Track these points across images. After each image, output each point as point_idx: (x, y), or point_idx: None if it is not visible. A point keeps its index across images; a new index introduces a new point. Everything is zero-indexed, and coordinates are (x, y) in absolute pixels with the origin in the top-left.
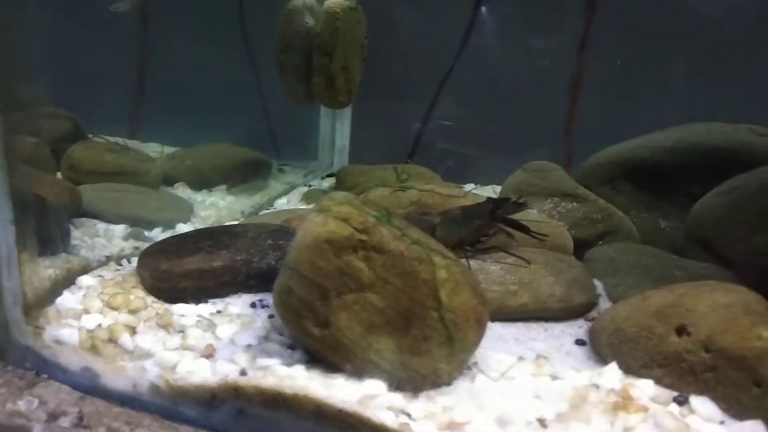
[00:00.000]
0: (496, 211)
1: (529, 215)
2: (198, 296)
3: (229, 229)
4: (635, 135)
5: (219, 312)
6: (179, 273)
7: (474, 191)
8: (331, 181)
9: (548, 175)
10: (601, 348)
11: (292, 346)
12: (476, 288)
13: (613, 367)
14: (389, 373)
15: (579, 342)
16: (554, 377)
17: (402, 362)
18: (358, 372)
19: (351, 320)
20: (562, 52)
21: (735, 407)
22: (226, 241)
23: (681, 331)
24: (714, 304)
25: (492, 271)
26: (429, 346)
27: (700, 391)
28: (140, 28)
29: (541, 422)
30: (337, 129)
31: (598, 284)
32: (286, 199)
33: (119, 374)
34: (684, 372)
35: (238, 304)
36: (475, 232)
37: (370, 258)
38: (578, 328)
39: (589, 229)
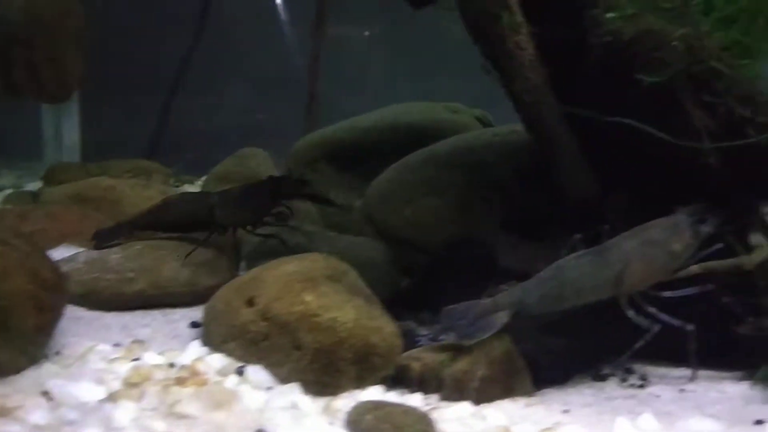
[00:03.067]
0: (279, 190)
1: None
2: None
3: None
4: None
5: None
6: None
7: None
8: None
9: (248, 161)
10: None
11: None
12: (40, 274)
13: (195, 345)
14: None
15: (194, 324)
16: (136, 360)
17: None
18: None
19: None
20: (305, 35)
21: (282, 372)
22: None
23: (250, 302)
24: (281, 274)
25: (110, 260)
26: None
27: (259, 360)
28: None
29: (46, 395)
30: (63, 126)
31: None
32: None
33: None
34: (249, 343)
35: None
36: (255, 212)
37: None
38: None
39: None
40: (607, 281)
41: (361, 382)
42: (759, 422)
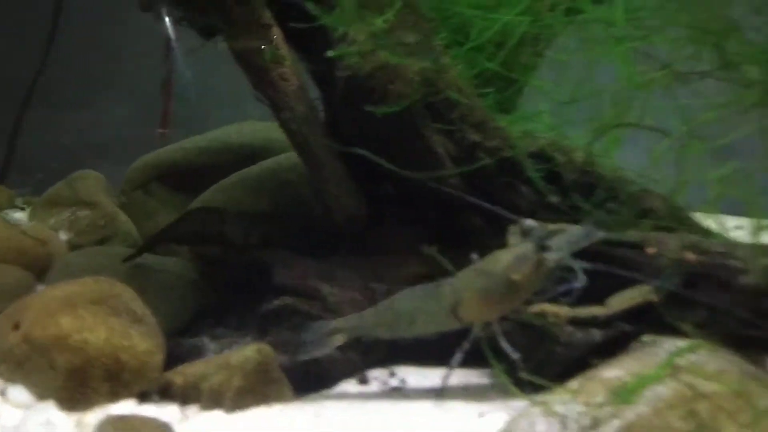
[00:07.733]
0: None
1: (22, 227)
2: None
3: None
4: None
5: None
6: None
7: None
8: None
9: (77, 183)
10: None
11: None
12: None
13: None
14: None
15: None
16: None
17: None
18: None
19: None
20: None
21: (42, 391)
22: None
23: (17, 326)
24: (45, 299)
25: None
26: None
27: (23, 381)
28: None
29: None
30: None
31: None
32: None
33: None
34: (15, 365)
35: None
36: None
37: None
38: None
39: (92, 236)
40: (441, 314)
41: (114, 397)
42: (481, 415)
